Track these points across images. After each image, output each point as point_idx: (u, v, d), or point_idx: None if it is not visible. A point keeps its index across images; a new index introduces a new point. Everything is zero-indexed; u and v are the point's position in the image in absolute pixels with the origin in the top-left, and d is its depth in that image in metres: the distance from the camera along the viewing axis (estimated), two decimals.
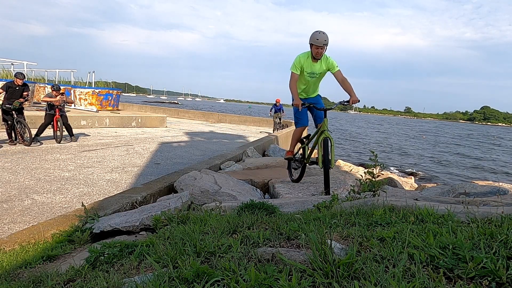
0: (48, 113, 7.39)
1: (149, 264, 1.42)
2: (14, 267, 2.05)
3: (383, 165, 2.90)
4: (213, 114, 20.05)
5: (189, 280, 1.14)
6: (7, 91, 6.66)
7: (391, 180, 8.28)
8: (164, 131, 11.79)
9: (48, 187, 4.11)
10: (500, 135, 53.14)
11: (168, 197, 3.58)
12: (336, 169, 4.67)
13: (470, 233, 1.32)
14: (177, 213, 2.46)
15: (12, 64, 16.34)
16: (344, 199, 2.65)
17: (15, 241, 2.56)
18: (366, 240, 1.39)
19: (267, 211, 2.24)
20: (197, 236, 1.56)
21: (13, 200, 3.57)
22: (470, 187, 4.52)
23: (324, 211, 2.22)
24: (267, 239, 1.54)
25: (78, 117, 10.48)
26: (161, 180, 4.48)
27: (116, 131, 10.41)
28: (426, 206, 1.80)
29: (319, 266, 1.10)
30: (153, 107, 22.02)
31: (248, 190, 4.11)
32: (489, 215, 1.62)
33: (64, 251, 2.34)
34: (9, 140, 6.82)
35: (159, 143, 8.50)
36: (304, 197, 3.53)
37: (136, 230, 2.54)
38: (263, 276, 1.06)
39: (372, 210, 1.88)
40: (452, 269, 1.08)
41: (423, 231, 1.39)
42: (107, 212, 3.17)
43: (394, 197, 2.62)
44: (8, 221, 3.05)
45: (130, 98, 76.12)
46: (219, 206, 2.57)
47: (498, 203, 2.64)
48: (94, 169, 5.13)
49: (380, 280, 1.00)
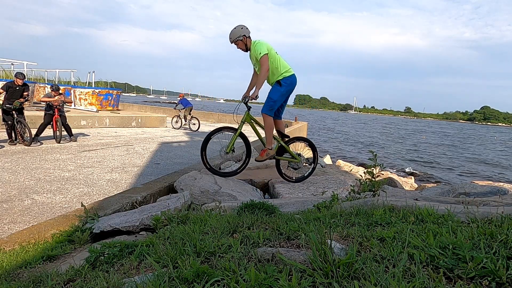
0: (48, 113, 7.40)
1: (149, 264, 1.42)
2: (14, 267, 2.05)
3: (382, 165, 2.90)
4: (213, 114, 20.04)
5: (189, 280, 1.13)
6: (7, 91, 6.66)
7: (391, 180, 8.29)
8: (164, 131, 11.79)
9: (48, 187, 4.11)
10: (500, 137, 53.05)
11: (168, 197, 3.58)
12: (336, 169, 4.67)
13: (470, 233, 1.32)
14: (177, 213, 2.46)
15: (12, 64, 16.35)
16: (344, 199, 2.65)
17: (15, 241, 2.56)
18: (366, 240, 1.39)
19: (267, 211, 2.24)
20: (197, 236, 1.56)
21: (13, 200, 3.57)
22: (470, 187, 4.52)
23: (324, 211, 2.23)
24: (267, 239, 1.54)
25: (78, 117, 10.48)
26: (161, 180, 4.48)
27: (116, 131, 10.41)
28: (426, 206, 1.80)
29: (319, 266, 1.10)
30: (153, 107, 22.02)
31: (248, 190, 4.11)
32: (489, 215, 1.62)
33: (64, 251, 2.34)
34: (9, 140, 6.82)
35: (159, 143, 8.50)
36: (304, 197, 3.53)
37: (136, 230, 2.54)
38: (263, 276, 1.06)
39: (372, 210, 1.88)
40: (452, 269, 1.08)
41: (423, 231, 1.39)
42: (107, 212, 3.17)
43: (394, 197, 2.62)
44: (8, 221, 3.04)
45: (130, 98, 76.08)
46: (219, 206, 2.57)
47: (498, 203, 2.64)
48: (94, 169, 5.13)
49: (380, 280, 1.00)
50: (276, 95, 4.16)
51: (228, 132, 4.32)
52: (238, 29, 4.11)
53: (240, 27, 4.12)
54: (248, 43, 4.16)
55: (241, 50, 4.22)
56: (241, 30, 4.11)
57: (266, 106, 4.17)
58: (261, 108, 4.18)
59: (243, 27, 4.13)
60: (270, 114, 4.17)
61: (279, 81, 4.16)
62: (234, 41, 4.14)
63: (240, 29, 4.11)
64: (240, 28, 4.11)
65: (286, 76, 4.15)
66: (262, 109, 4.17)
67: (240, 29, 4.11)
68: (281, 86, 4.16)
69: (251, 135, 5.01)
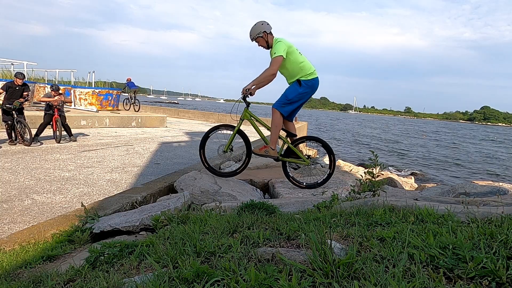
0: (47, 113, 7.40)
1: (149, 264, 1.42)
2: (14, 267, 2.05)
3: (382, 164, 2.90)
4: (213, 114, 20.03)
5: (189, 280, 1.14)
6: (7, 91, 6.66)
7: (391, 180, 8.29)
8: (164, 131, 11.79)
9: (48, 187, 4.11)
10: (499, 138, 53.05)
11: (168, 197, 3.58)
12: (336, 169, 4.63)
13: (470, 233, 1.32)
14: (177, 213, 2.46)
15: (12, 64, 16.33)
16: (344, 199, 2.65)
17: (15, 241, 2.56)
18: (366, 240, 1.39)
19: (267, 211, 2.24)
20: (197, 236, 1.56)
21: (13, 200, 3.57)
22: (470, 187, 4.52)
23: (324, 211, 2.23)
24: (267, 239, 1.54)
25: (78, 117, 10.47)
26: (161, 180, 4.48)
27: (116, 131, 10.41)
28: (426, 206, 1.80)
29: (319, 266, 1.10)
30: (153, 107, 22.01)
31: (248, 190, 4.11)
32: (489, 215, 1.62)
33: (64, 251, 2.34)
34: (9, 140, 6.82)
35: (159, 143, 8.49)
36: (304, 197, 3.53)
37: (136, 230, 2.54)
38: (263, 276, 1.06)
39: (372, 210, 1.88)
40: (452, 269, 1.08)
41: (423, 231, 1.39)
42: (107, 212, 3.17)
43: (394, 197, 2.63)
44: (8, 221, 3.04)
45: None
46: (219, 206, 2.57)
47: (498, 203, 2.64)
48: (94, 169, 5.13)
49: (380, 280, 1.00)
50: (292, 94, 3.87)
51: (227, 130, 4.18)
52: (258, 26, 3.85)
53: (260, 23, 3.86)
54: (270, 40, 3.88)
55: (263, 48, 3.95)
56: (261, 26, 3.84)
57: (279, 101, 3.90)
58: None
59: (264, 22, 3.86)
60: (281, 110, 3.87)
61: (299, 81, 3.86)
62: (255, 38, 3.89)
63: (261, 25, 3.85)
64: (260, 24, 3.86)
65: (309, 78, 3.86)
66: (274, 104, 3.91)
67: (261, 25, 3.85)
68: (301, 86, 3.86)
69: (252, 134, 4.99)
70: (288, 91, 3.92)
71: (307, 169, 4.26)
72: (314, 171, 4.25)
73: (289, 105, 3.91)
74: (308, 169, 4.24)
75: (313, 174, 4.22)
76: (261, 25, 3.86)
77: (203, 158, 4.22)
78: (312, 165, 4.22)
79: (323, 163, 6.60)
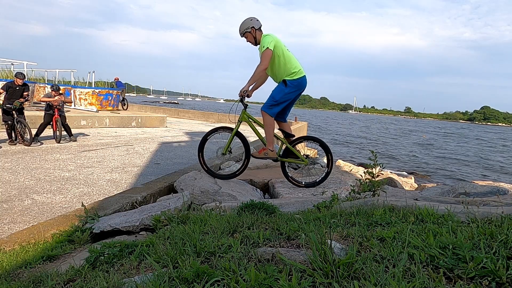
0: (47, 113, 7.40)
1: (149, 264, 1.42)
2: (14, 267, 2.05)
3: (382, 164, 2.90)
4: (213, 114, 20.02)
5: (189, 280, 1.14)
6: (7, 91, 6.66)
7: (391, 180, 8.28)
8: (164, 131, 11.79)
9: (48, 187, 4.11)
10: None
11: (168, 197, 3.58)
12: (336, 169, 4.63)
13: (470, 233, 1.32)
14: (177, 213, 2.46)
15: (12, 64, 16.33)
16: (344, 199, 2.65)
17: (15, 241, 2.56)
18: (366, 240, 1.39)
19: (267, 211, 2.24)
20: (197, 236, 1.56)
21: (13, 200, 3.57)
22: (470, 187, 4.52)
23: (324, 211, 2.23)
24: (267, 239, 1.54)
25: (78, 117, 10.47)
26: (161, 180, 4.48)
27: (116, 131, 10.41)
28: (426, 206, 1.80)
29: (319, 266, 1.10)
30: (153, 107, 22.01)
31: (248, 190, 4.11)
32: (489, 215, 1.62)
33: (64, 251, 2.34)
34: (9, 140, 6.83)
35: (159, 143, 8.49)
36: (304, 197, 3.53)
37: (136, 230, 2.54)
38: (263, 276, 1.06)
39: (372, 210, 1.88)
40: (452, 269, 1.08)
41: (423, 231, 1.39)
42: (107, 212, 3.17)
43: (394, 197, 2.63)
44: (8, 221, 3.04)
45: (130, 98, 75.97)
46: (219, 206, 2.57)
47: (498, 203, 2.64)
48: (94, 169, 5.13)
49: (380, 280, 1.00)
50: (279, 95, 3.86)
51: (225, 132, 4.20)
52: (247, 21, 3.85)
53: (249, 19, 3.85)
54: (258, 36, 3.86)
55: (251, 44, 3.93)
56: (250, 22, 3.83)
57: (266, 103, 3.91)
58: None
59: (253, 18, 3.86)
60: (269, 112, 3.89)
61: (285, 81, 3.84)
62: (243, 33, 3.89)
63: (249, 20, 3.84)
64: (249, 20, 3.85)
65: (294, 78, 3.82)
66: (262, 107, 3.95)
67: (249, 20, 3.84)
68: (286, 86, 3.84)
69: (251, 135, 4.99)
70: (274, 92, 3.93)
71: (306, 169, 4.31)
72: (313, 171, 4.29)
73: (276, 106, 3.91)
74: (307, 169, 4.28)
75: (312, 173, 4.26)
76: (249, 21, 3.85)
77: (202, 161, 4.24)
78: (310, 165, 4.26)
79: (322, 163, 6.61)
